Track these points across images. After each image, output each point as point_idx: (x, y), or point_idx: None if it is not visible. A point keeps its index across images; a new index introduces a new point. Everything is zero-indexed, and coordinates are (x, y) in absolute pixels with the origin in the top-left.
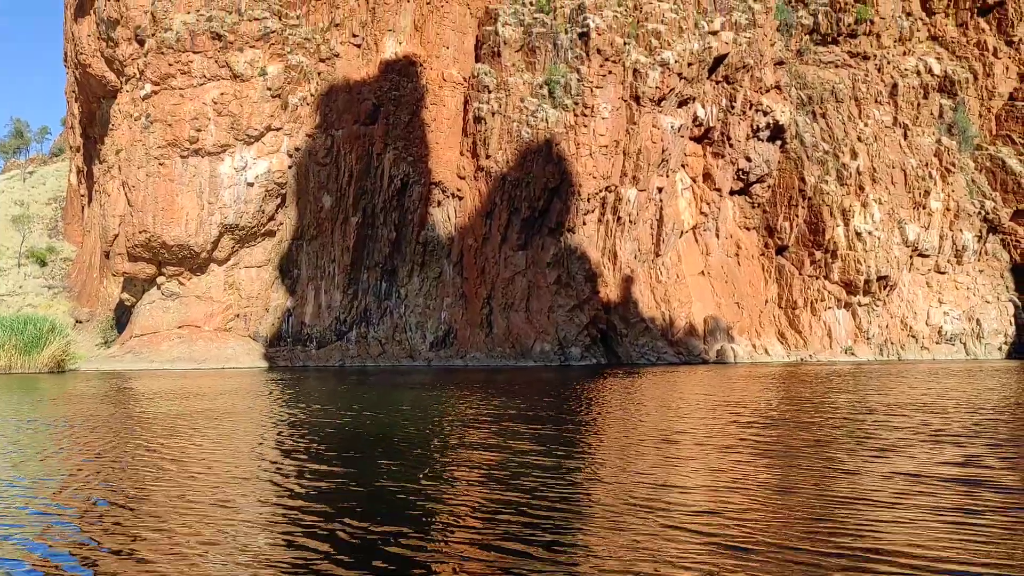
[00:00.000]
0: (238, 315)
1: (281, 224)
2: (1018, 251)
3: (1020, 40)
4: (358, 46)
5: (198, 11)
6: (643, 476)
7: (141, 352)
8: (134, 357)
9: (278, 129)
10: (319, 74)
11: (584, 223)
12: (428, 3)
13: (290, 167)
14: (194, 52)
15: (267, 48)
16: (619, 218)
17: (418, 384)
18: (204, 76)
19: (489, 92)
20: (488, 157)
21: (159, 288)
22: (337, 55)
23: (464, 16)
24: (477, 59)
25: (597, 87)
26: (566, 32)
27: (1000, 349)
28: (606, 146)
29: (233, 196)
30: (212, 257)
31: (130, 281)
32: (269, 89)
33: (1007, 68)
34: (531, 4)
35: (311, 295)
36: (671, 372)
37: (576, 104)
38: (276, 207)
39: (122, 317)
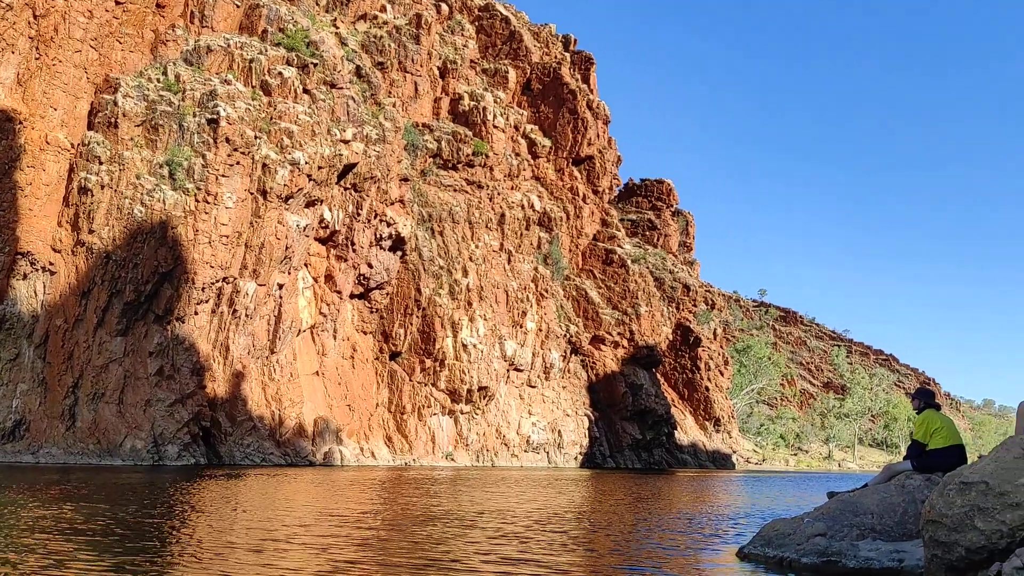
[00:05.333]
0: None
1: None
2: (594, 371)
3: (603, 191)
4: None
5: None
6: None
7: None
8: None
9: None
10: None
11: (196, 313)
12: (38, 59)
13: None
14: None
15: None
16: (235, 311)
17: None
18: None
19: (100, 164)
20: (92, 232)
21: None
22: None
23: (80, 80)
24: (90, 127)
25: (223, 176)
26: (194, 116)
27: (576, 459)
28: (227, 236)
29: None
30: None
31: None
32: None
33: (592, 212)
34: (157, 81)
35: None
36: (273, 475)
37: (199, 190)
38: None
39: None
